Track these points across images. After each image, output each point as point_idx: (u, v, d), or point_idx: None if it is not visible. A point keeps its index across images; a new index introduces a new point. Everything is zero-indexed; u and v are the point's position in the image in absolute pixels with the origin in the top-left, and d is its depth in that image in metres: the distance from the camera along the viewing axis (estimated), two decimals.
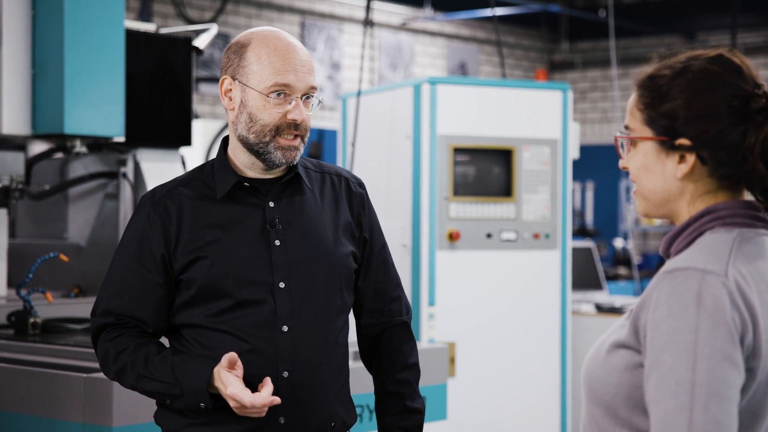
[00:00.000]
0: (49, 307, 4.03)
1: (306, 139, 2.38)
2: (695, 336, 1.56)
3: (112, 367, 2.36)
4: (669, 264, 1.67)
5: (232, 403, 2.23)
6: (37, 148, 4.72)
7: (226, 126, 6.73)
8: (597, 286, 6.52)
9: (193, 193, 2.38)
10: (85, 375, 3.15)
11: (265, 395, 2.22)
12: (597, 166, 11.47)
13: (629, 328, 1.67)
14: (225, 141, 2.44)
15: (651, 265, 11.52)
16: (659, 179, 1.75)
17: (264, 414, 2.25)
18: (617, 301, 6.46)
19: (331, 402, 2.41)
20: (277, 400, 2.23)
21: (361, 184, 2.54)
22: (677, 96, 1.72)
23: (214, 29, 4.85)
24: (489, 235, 5.22)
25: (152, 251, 2.34)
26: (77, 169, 4.71)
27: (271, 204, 2.38)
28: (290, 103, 2.31)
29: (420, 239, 5.09)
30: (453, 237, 5.11)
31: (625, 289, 9.69)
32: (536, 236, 5.32)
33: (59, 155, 4.69)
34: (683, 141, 1.71)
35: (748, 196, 1.76)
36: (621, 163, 1.83)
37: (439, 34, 12.61)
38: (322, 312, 2.38)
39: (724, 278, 1.60)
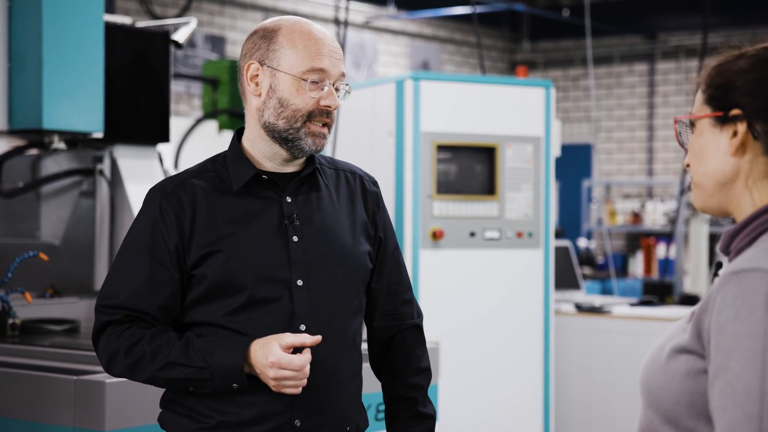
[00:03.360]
0: (24, 307, 3.92)
1: (331, 129, 2.31)
2: (764, 341, 1.49)
3: (124, 362, 2.24)
4: (734, 264, 1.59)
5: (272, 373, 2.13)
6: (2, 145, 4.58)
7: (196, 124, 6.61)
8: (574, 285, 6.49)
9: (207, 185, 2.29)
10: (75, 377, 3.05)
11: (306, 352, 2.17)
12: (560, 166, 11.47)
13: (691, 332, 1.59)
14: (239, 132, 2.35)
15: (614, 264, 11.55)
16: (713, 159, 1.69)
17: (304, 383, 2.17)
18: (596, 300, 6.43)
19: (347, 405, 2.34)
20: (319, 338, 2.17)
21: (375, 183, 2.47)
22: (740, 68, 1.67)
23: (193, 23, 4.74)
24: (472, 234, 5.16)
25: (165, 243, 2.23)
26: (50, 166, 4.59)
27: (288, 199, 2.29)
28: (323, 89, 2.24)
29: (403, 238, 5.02)
30: (436, 236, 5.04)
31: (590, 288, 9.69)
32: (519, 235, 5.27)
33: (32, 152, 4.56)
34: (736, 111, 1.65)
35: None
36: (684, 161, 1.76)
37: (401, 32, 12.56)
38: (339, 312, 2.31)
39: None
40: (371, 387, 2.82)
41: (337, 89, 2.27)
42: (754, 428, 1.46)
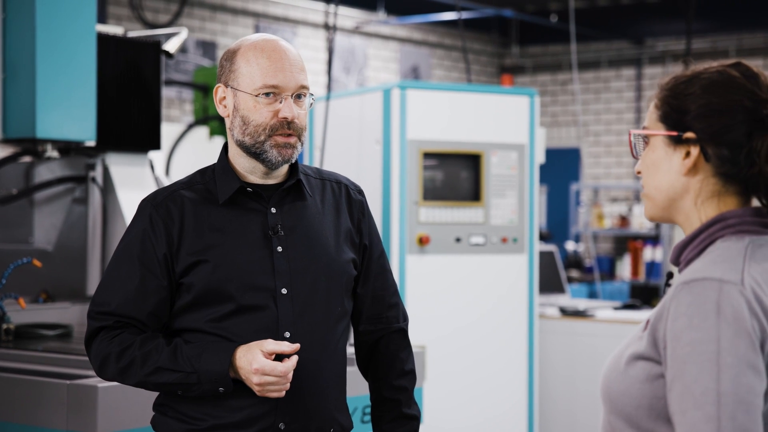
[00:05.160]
0: (17, 312, 3.99)
1: (303, 139, 2.39)
2: (717, 345, 1.58)
3: (115, 366, 2.34)
4: (685, 275, 1.69)
5: (256, 379, 2.23)
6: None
7: (187, 130, 6.70)
8: (559, 289, 6.58)
9: (195, 196, 2.38)
10: (68, 382, 3.13)
11: (291, 359, 2.26)
12: (548, 169, 11.57)
13: (647, 340, 1.69)
14: (226, 146, 2.44)
15: (602, 267, 11.63)
16: (665, 176, 1.79)
17: (287, 388, 2.26)
18: (580, 304, 6.52)
19: (331, 408, 2.43)
20: (297, 346, 2.26)
21: (360, 192, 2.56)
22: (693, 92, 1.76)
23: (183, 33, 4.83)
24: (458, 240, 5.25)
25: (155, 252, 2.33)
26: (43, 173, 4.66)
27: (273, 210, 2.39)
28: (280, 102, 2.33)
29: (390, 243, 5.11)
30: (423, 241, 5.14)
31: (578, 291, 9.76)
32: (504, 240, 5.36)
33: (25, 159, 4.63)
34: (690, 134, 1.75)
35: (756, 203, 1.79)
36: (636, 167, 1.86)
37: (391, 37, 12.64)
38: (323, 318, 2.40)
39: (741, 287, 1.63)
40: (358, 389, 2.91)
41: (300, 96, 2.37)
42: (713, 428, 1.55)
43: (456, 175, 5.34)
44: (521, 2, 12.61)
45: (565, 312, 6.08)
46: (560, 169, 12.58)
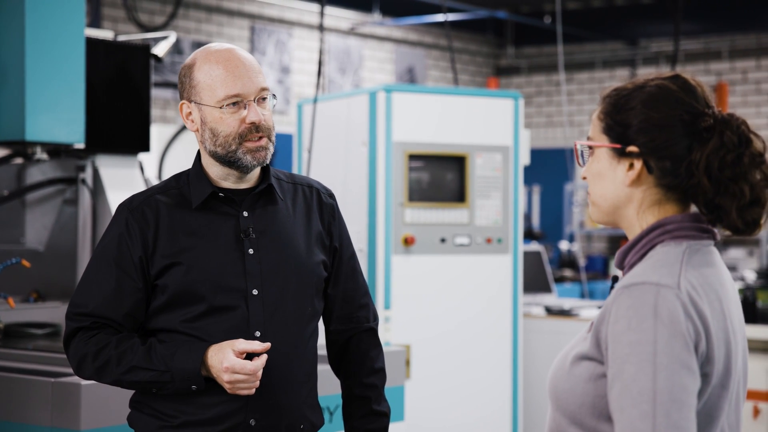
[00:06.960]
0: (7, 312, 4.06)
1: (273, 138, 2.47)
2: (654, 347, 1.66)
3: (91, 365, 2.41)
4: (626, 279, 1.77)
5: (226, 377, 2.31)
6: None
7: (180, 131, 6.76)
8: (546, 289, 6.65)
9: (170, 201, 2.46)
10: (52, 379, 3.20)
11: (261, 358, 2.33)
12: (543, 169, 11.64)
13: (591, 341, 1.77)
14: (200, 153, 2.52)
15: (596, 267, 11.70)
16: (610, 186, 1.86)
17: (257, 386, 2.34)
18: (566, 303, 6.60)
19: (301, 405, 2.50)
20: (268, 345, 2.33)
21: (331, 195, 2.64)
22: (634, 106, 1.83)
23: (172, 37, 4.90)
24: (443, 240, 5.33)
25: (131, 255, 2.41)
26: (35, 174, 4.73)
27: (245, 213, 2.46)
28: (245, 108, 2.40)
29: (376, 244, 5.18)
30: (408, 242, 5.21)
31: (570, 291, 9.83)
32: (489, 241, 5.43)
33: (17, 160, 4.70)
34: (633, 148, 1.82)
35: (694, 209, 1.87)
36: (582, 173, 1.94)
37: (387, 38, 12.71)
38: (293, 318, 2.47)
39: (677, 291, 1.71)
40: (338, 388, 2.98)
41: (264, 99, 2.44)
42: (649, 425, 1.63)
43: (441, 177, 5.41)
44: (516, 3, 12.68)
45: (550, 311, 6.16)
46: (554, 169, 12.64)
